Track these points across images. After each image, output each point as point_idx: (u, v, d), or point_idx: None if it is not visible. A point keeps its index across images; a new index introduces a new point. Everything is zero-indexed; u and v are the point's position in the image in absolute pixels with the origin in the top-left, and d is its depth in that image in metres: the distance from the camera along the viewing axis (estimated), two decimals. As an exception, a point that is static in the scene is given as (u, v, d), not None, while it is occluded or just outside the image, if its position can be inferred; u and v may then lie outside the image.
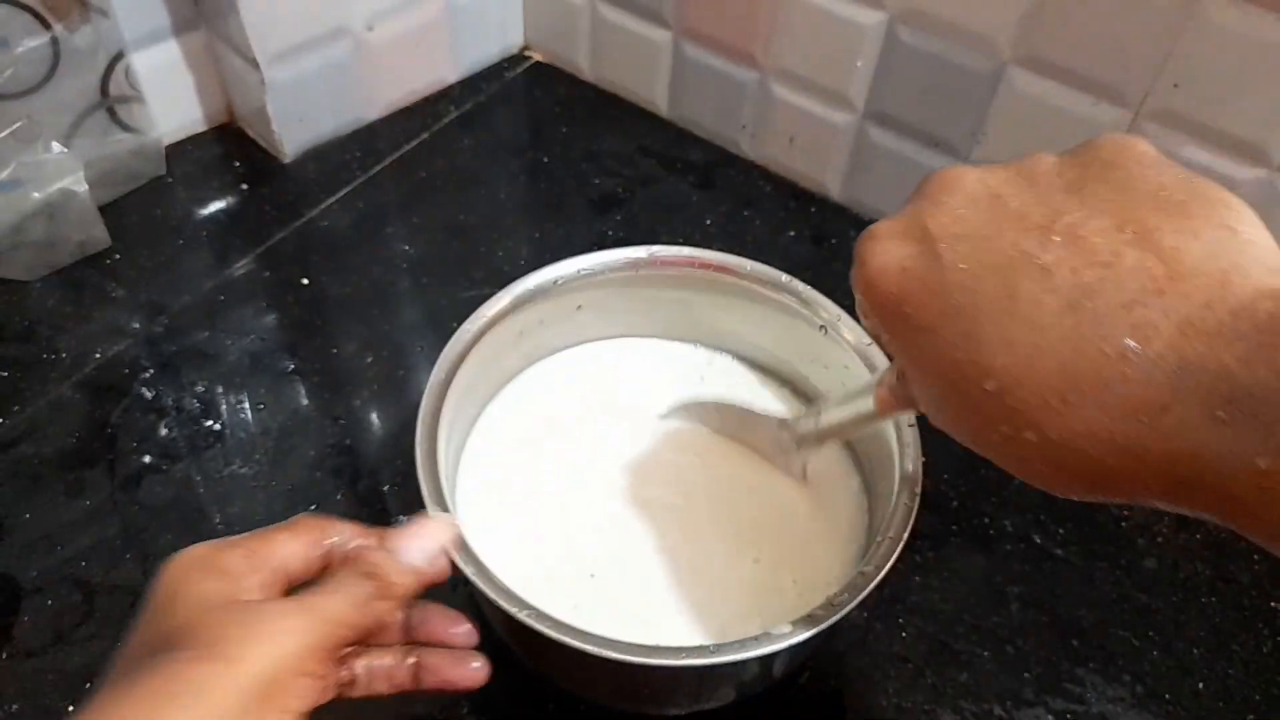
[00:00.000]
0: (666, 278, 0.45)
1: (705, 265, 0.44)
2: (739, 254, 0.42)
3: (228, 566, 0.27)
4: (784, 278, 0.43)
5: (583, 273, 0.43)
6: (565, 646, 0.31)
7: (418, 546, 0.29)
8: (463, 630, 0.31)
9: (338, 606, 0.27)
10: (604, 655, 0.31)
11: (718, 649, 0.31)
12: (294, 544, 0.29)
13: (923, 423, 0.53)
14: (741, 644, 0.32)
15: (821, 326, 0.42)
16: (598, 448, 0.43)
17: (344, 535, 0.30)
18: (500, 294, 0.41)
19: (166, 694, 0.24)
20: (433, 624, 0.31)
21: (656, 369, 0.47)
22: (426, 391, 0.37)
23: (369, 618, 0.27)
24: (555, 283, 0.43)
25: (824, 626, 0.32)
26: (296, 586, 0.29)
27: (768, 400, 0.46)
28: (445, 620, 0.31)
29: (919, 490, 0.36)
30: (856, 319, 0.42)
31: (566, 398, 0.45)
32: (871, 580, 0.33)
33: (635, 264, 0.44)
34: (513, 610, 0.32)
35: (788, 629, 0.32)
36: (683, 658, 0.31)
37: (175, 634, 0.25)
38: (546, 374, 0.46)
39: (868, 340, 0.41)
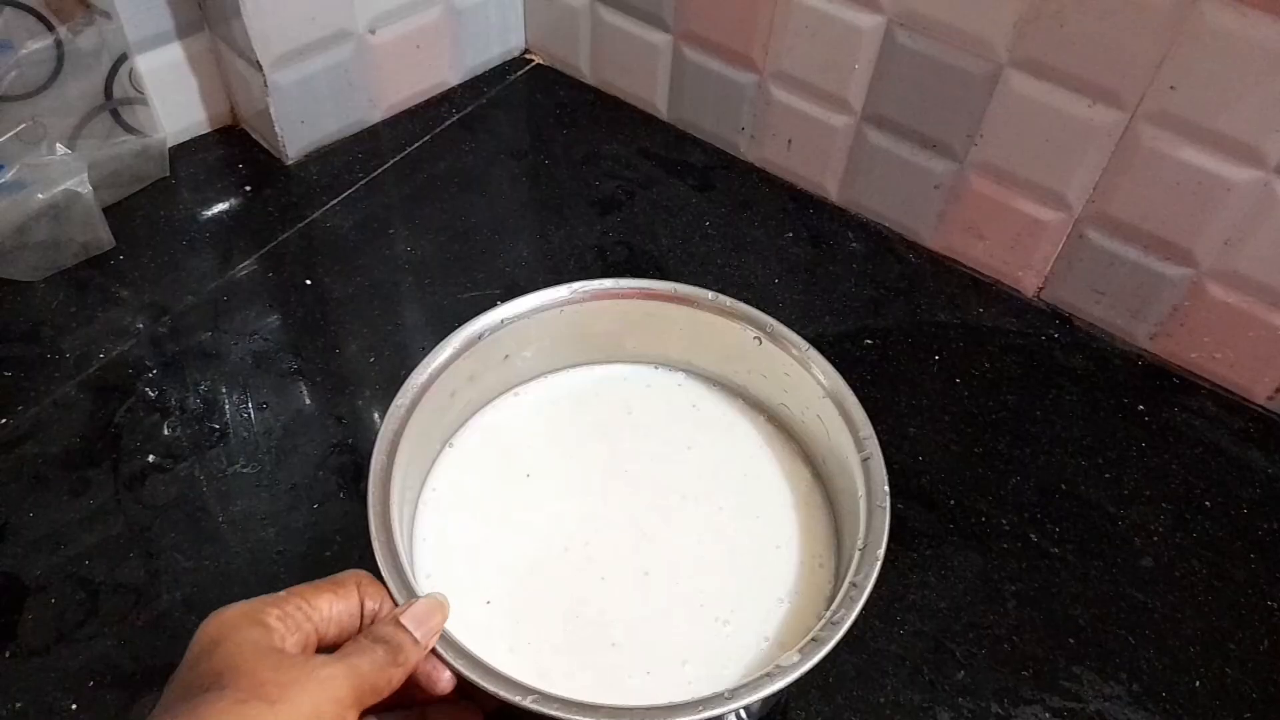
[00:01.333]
0: (594, 312, 0.44)
1: (630, 295, 0.43)
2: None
3: (270, 623, 0.29)
4: (710, 295, 0.43)
5: (505, 321, 0.42)
6: None
7: (420, 627, 0.31)
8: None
9: (366, 666, 0.29)
10: None
11: (733, 694, 0.31)
12: (338, 606, 0.31)
13: (919, 424, 0.54)
14: (756, 684, 0.31)
15: (756, 338, 0.42)
16: (552, 499, 0.42)
17: (379, 602, 0.32)
18: (425, 361, 0.40)
19: None
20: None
21: (600, 395, 0.46)
22: (370, 479, 0.36)
23: (384, 681, 0.29)
24: (480, 336, 0.41)
25: (831, 646, 0.32)
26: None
27: (715, 411, 0.45)
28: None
29: (886, 506, 0.36)
30: (790, 328, 0.42)
31: (512, 450, 0.44)
32: (864, 590, 0.33)
33: (559, 303, 0.43)
34: (516, 699, 0.30)
35: (796, 658, 0.32)
36: (699, 710, 0.30)
37: (219, 677, 0.26)
38: (487, 428, 0.44)
39: (805, 346, 0.41)
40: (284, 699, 0.26)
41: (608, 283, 0.44)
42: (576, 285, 0.43)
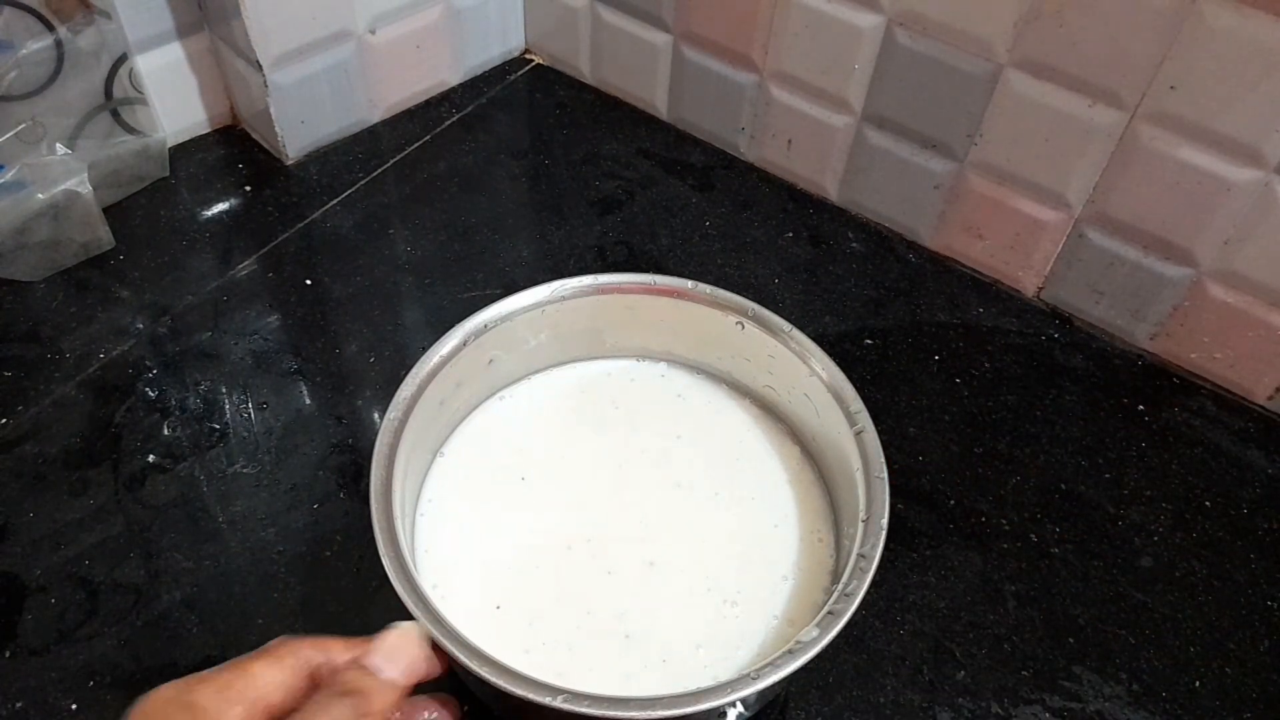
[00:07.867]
0: (576, 309, 0.44)
1: (611, 290, 0.44)
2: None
3: (202, 703, 0.26)
4: (690, 284, 0.43)
5: (489, 325, 0.42)
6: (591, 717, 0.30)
7: (393, 663, 0.29)
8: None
9: None
10: (639, 717, 0.30)
11: (758, 674, 0.31)
12: (272, 672, 0.28)
13: (919, 424, 0.54)
14: (779, 662, 0.31)
15: (738, 323, 0.43)
16: (549, 499, 0.42)
17: (327, 654, 0.30)
18: (413, 372, 0.40)
19: None
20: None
21: (585, 392, 0.46)
22: (372, 496, 0.35)
23: None
24: (466, 341, 0.41)
25: (847, 619, 0.32)
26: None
27: (700, 398, 0.46)
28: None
29: (884, 476, 0.37)
30: (771, 310, 0.42)
31: (504, 454, 0.43)
32: (872, 561, 0.33)
33: (540, 303, 0.43)
34: (545, 700, 0.30)
35: (815, 633, 0.32)
36: (729, 693, 0.30)
37: None
38: (476, 434, 0.44)
39: (787, 327, 0.41)
40: None
41: (587, 280, 0.44)
42: (556, 284, 0.43)
